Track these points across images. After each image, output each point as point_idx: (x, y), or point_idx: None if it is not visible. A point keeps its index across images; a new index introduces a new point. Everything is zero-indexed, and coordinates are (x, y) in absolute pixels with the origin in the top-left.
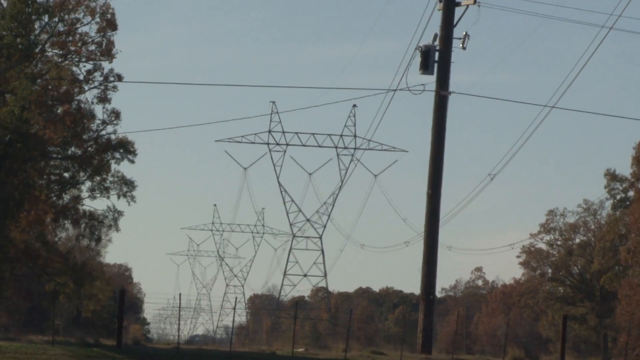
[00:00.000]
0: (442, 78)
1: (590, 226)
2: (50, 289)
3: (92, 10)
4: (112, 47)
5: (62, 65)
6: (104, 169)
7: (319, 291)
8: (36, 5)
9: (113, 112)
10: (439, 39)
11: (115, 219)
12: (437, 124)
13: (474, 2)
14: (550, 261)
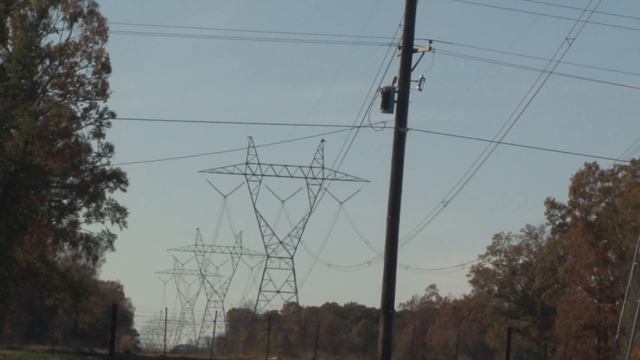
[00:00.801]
0: (401, 116)
1: (532, 248)
2: (50, 304)
3: (88, 55)
4: (107, 87)
5: (62, 103)
6: (99, 197)
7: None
8: (39, 51)
9: (107, 146)
10: (398, 81)
11: (110, 241)
12: (396, 157)
13: (429, 49)
14: (497, 279)
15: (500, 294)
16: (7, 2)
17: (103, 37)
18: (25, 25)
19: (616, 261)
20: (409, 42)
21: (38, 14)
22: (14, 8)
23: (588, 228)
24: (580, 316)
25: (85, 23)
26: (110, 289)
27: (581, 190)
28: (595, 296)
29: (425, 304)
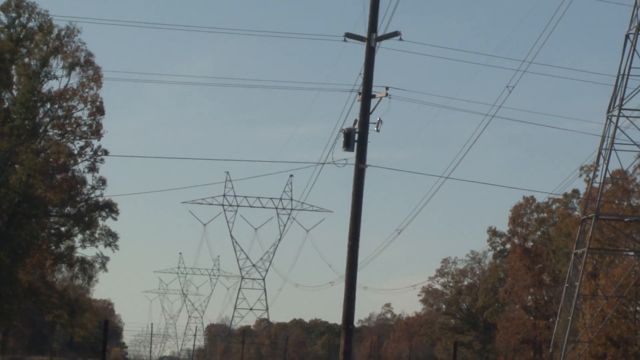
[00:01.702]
0: (361, 154)
1: (475, 271)
2: (49, 319)
3: (84, 99)
4: (101, 128)
5: (61, 142)
6: (93, 224)
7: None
8: (41, 95)
9: (100, 179)
10: (358, 123)
11: (103, 262)
12: (356, 191)
13: (386, 94)
14: (444, 299)
15: (447, 311)
16: (12, 52)
17: (98, 83)
18: (28, 72)
19: (550, 283)
20: (368, 89)
21: (40, 63)
22: (19, 57)
23: (525, 254)
24: (518, 331)
25: (82, 71)
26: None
27: (519, 220)
28: (531, 314)
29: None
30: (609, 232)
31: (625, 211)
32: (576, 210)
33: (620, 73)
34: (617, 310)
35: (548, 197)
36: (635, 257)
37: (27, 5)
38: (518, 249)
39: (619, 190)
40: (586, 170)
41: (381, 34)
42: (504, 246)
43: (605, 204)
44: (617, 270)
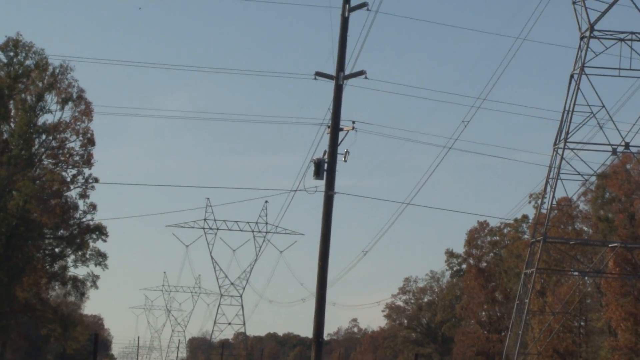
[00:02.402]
0: (330, 182)
1: (434, 289)
2: (44, 333)
3: (77, 132)
4: (91, 157)
5: (55, 171)
6: (84, 246)
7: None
8: (36, 128)
9: (91, 204)
10: (328, 154)
11: (94, 281)
12: (325, 215)
13: (352, 128)
14: (406, 314)
15: (409, 326)
16: (10, 88)
17: (89, 117)
18: (25, 107)
19: (502, 300)
20: (336, 123)
21: (36, 98)
22: (17, 93)
23: (479, 273)
24: (473, 344)
25: (74, 106)
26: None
27: (474, 243)
28: (485, 328)
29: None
30: (556, 254)
31: (570, 235)
32: (526, 234)
33: (565, 109)
34: (563, 325)
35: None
36: (579, 277)
37: (25, 45)
38: (473, 269)
39: (565, 216)
40: (535, 197)
41: (348, 73)
42: (460, 266)
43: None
44: (562, 289)
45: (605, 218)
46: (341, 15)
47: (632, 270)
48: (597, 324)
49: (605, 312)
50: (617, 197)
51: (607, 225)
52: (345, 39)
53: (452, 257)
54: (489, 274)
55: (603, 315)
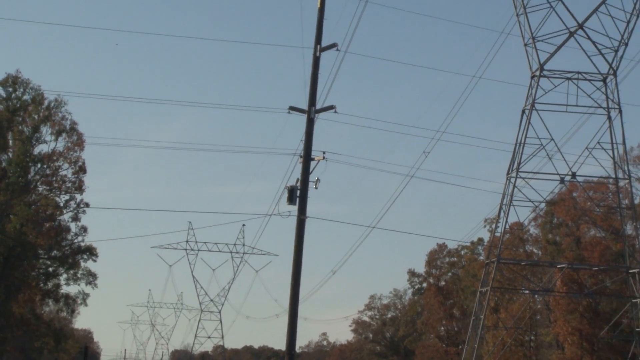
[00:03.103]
0: (302, 207)
1: (397, 306)
2: (37, 346)
3: (69, 161)
4: (83, 184)
5: (49, 196)
6: (76, 265)
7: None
8: (32, 157)
9: (82, 227)
10: (300, 182)
11: (84, 298)
12: (298, 238)
13: (323, 157)
14: (371, 329)
15: (374, 339)
16: (9, 120)
17: (81, 147)
18: (22, 137)
19: (459, 316)
20: (308, 153)
21: (32, 129)
22: (14, 125)
23: (439, 291)
24: (432, 357)
25: (67, 137)
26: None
27: (434, 263)
28: (444, 342)
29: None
30: (508, 274)
31: (522, 256)
32: (481, 255)
33: (517, 142)
34: (515, 339)
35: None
36: (529, 295)
37: (22, 81)
38: (433, 287)
39: (516, 239)
40: (489, 222)
41: (319, 107)
42: (421, 285)
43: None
44: (514, 306)
45: (554, 241)
46: (313, 55)
47: (578, 289)
48: (546, 338)
49: (553, 328)
50: (564, 222)
51: (555, 247)
52: (317, 76)
53: (413, 276)
54: (447, 292)
55: (551, 331)
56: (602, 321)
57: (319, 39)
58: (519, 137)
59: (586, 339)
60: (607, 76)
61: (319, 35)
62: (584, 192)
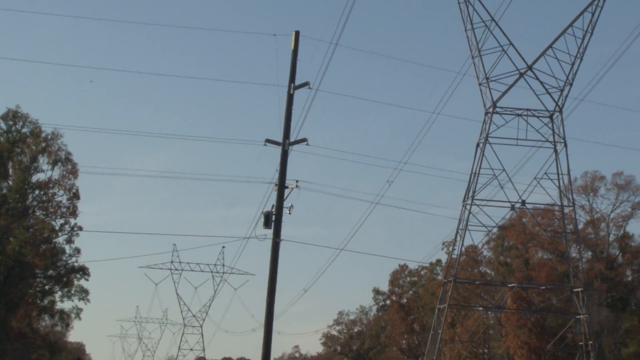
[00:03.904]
0: (277, 231)
1: (363, 321)
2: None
3: (64, 188)
4: (76, 209)
5: (45, 220)
6: (70, 283)
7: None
8: (30, 184)
9: (76, 249)
10: (275, 208)
11: (78, 313)
12: (273, 258)
13: (296, 186)
14: (339, 342)
15: (342, 352)
16: (9, 151)
17: (75, 175)
18: (21, 167)
19: (419, 330)
20: (282, 182)
21: (30, 159)
22: (14, 155)
23: (401, 308)
24: None
25: (63, 166)
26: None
27: (396, 282)
28: (405, 354)
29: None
30: (464, 292)
31: (476, 276)
32: (439, 275)
33: (472, 172)
34: (470, 352)
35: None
36: (483, 311)
37: (22, 115)
38: (395, 304)
39: (471, 260)
40: (447, 245)
41: (293, 140)
42: (385, 302)
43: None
44: (469, 321)
45: (505, 262)
46: (287, 92)
47: (527, 306)
48: (498, 351)
49: (504, 341)
50: (514, 245)
51: (506, 268)
52: (291, 111)
53: (378, 294)
54: (409, 309)
55: (503, 344)
56: (548, 335)
57: (292, 78)
58: (474, 168)
59: (534, 351)
60: (554, 113)
61: (293, 75)
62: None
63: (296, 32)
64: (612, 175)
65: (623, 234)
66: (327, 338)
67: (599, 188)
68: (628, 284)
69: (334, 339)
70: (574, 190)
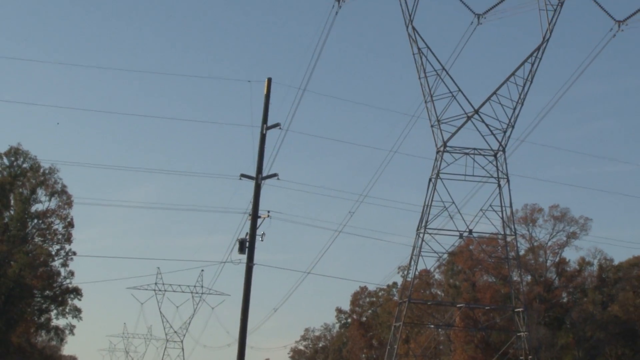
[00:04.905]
0: (250, 256)
1: (327, 337)
2: None
3: (60, 217)
4: (71, 236)
5: (43, 246)
6: (65, 303)
7: None
8: (30, 214)
9: (70, 272)
10: (249, 235)
11: (71, 329)
12: (246, 281)
13: (268, 215)
14: (306, 356)
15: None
16: (11, 184)
17: (70, 206)
18: (22, 198)
19: (377, 346)
20: (255, 212)
21: (30, 191)
22: (15, 188)
23: (361, 326)
24: None
25: (59, 198)
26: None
27: (357, 302)
28: None
29: None
30: (417, 311)
31: (428, 297)
32: (395, 296)
33: (425, 204)
34: None
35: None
36: (434, 329)
37: (22, 152)
38: (356, 322)
39: (424, 283)
40: (402, 269)
41: (265, 175)
42: (347, 320)
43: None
44: (422, 338)
45: (454, 285)
46: (260, 132)
47: (473, 324)
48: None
49: (453, 356)
50: (462, 269)
51: (455, 290)
52: (263, 149)
53: (340, 313)
54: (368, 326)
55: (452, 358)
56: (492, 351)
57: (265, 119)
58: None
59: None
60: (498, 152)
61: (265, 116)
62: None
63: (269, 79)
64: (549, 207)
65: (559, 260)
66: (295, 352)
67: (537, 219)
68: (564, 304)
69: (301, 353)
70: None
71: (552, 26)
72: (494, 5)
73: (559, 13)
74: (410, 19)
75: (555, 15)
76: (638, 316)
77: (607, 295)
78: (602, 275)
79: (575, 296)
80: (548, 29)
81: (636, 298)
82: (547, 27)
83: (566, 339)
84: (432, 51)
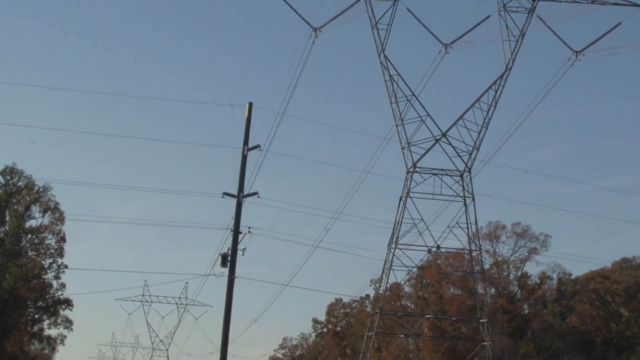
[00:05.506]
0: (232, 269)
1: (304, 346)
2: None
3: (53, 232)
4: (63, 250)
5: (36, 260)
6: (56, 313)
7: None
8: (24, 229)
9: (62, 284)
10: (231, 250)
11: (62, 339)
12: (228, 292)
13: (248, 231)
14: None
15: None
16: (6, 202)
17: (62, 222)
18: (17, 214)
19: (351, 354)
20: (237, 228)
21: (25, 208)
22: (11, 205)
23: (336, 335)
24: None
25: (52, 214)
26: None
27: (332, 313)
28: None
29: None
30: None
31: (398, 308)
32: (368, 307)
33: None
34: None
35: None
36: (404, 338)
37: (17, 171)
38: (331, 332)
39: (395, 295)
40: (374, 282)
41: (246, 193)
42: (322, 330)
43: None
44: (393, 347)
45: (423, 297)
46: (242, 153)
47: (441, 334)
48: None
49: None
50: (431, 283)
51: (424, 302)
52: (245, 169)
53: (316, 323)
54: (342, 336)
55: None
56: (459, 359)
57: (246, 141)
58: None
59: None
60: (464, 173)
61: (247, 138)
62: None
63: (250, 103)
64: (512, 225)
65: (521, 274)
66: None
67: (500, 235)
68: (525, 315)
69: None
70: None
71: (515, 56)
72: (460, 35)
73: (521, 44)
74: (382, 48)
75: (517, 46)
76: (595, 327)
77: (566, 307)
78: (561, 288)
79: (536, 308)
80: (510, 58)
81: (593, 310)
82: (510, 57)
83: (527, 348)
84: (402, 78)
